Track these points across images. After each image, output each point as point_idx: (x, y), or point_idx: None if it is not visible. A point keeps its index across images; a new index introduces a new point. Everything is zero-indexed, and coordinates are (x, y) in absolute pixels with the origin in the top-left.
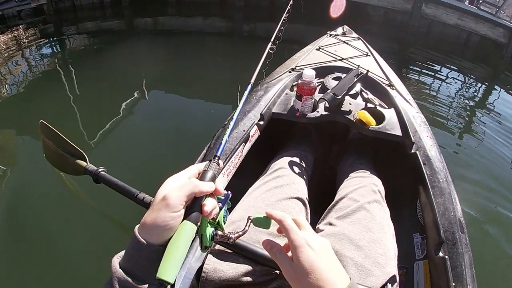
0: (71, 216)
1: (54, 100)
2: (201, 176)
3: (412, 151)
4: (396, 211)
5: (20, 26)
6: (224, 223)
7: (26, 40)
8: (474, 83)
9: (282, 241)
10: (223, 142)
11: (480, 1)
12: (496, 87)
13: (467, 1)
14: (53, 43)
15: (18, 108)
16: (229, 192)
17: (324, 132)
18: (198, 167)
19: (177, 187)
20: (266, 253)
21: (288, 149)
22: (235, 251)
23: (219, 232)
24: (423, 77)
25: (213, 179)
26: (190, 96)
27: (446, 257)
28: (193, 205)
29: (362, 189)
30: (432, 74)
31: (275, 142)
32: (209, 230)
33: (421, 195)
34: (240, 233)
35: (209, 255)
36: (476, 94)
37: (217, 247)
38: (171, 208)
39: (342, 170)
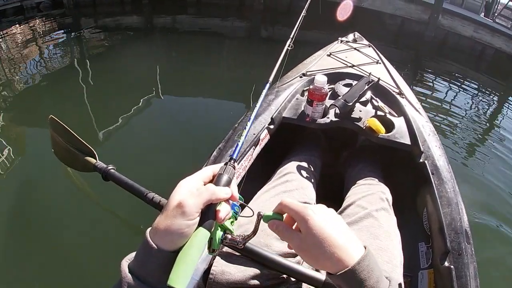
0: (79, 213)
1: (67, 94)
2: (216, 180)
3: (421, 160)
4: (402, 219)
5: (38, 18)
6: (233, 224)
7: (44, 33)
8: (488, 96)
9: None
10: (240, 144)
11: (496, 14)
12: (509, 100)
13: (483, 14)
14: (70, 37)
15: (32, 101)
16: (241, 196)
17: (333, 138)
18: (213, 169)
19: (194, 193)
20: (274, 257)
21: (297, 154)
22: (243, 254)
23: (229, 236)
24: (436, 86)
25: (228, 183)
26: (204, 96)
27: (452, 267)
28: (208, 211)
29: (370, 197)
30: (446, 84)
31: (284, 146)
32: (219, 233)
33: (428, 204)
34: (250, 235)
35: (217, 257)
36: (489, 106)
37: (225, 249)
38: (187, 216)
39: (350, 176)
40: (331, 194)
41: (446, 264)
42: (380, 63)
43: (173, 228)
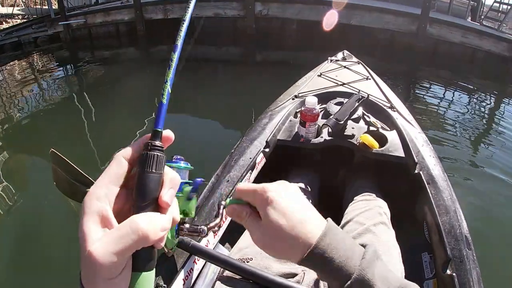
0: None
1: (67, 127)
2: (138, 196)
3: (416, 171)
4: (404, 232)
5: (36, 52)
6: (196, 212)
7: (42, 66)
8: (482, 99)
9: (294, 267)
10: (163, 110)
11: (482, 17)
12: (504, 100)
13: (470, 18)
14: (68, 70)
15: (31, 133)
16: (201, 179)
17: (329, 156)
18: (121, 162)
19: (106, 240)
20: (275, 278)
21: (294, 175)
22: (244, 277)
23: (186, 225)
24: (431, 96)
25: (158, 191)
26: (202, 123)
27: (454, 274)
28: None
29: (368, 212)
30: (440, 92)
31: (280, 168)
32: (171, 229)
33: (427, 214)
34: (217, 222)
35: (218, 282)
36: (484, 109)
37: (226, 273)
38: (103, 275)
39: (348, 193)
40: (330, 212)
41: (448, 272)
42: (370, 79)
43: None
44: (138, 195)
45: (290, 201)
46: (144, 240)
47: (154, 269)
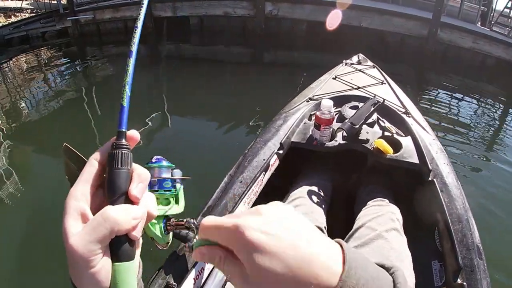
0: None
1: (74, 122)
2: (109, 191)
3: (430, 179)
4: (415, 238)
5: (44, 47)
6: (175, 203)
7: (49, 61)
8: (492, 105)
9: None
10: (125, 109)
11: (493, 23)
12: None
13: (479, 23)
14: (76, 65)
15: (37, 128)
16: (170, 164)
17: (342, 160)
18: (92, 163)
19: (83, 229)
20: None
21: (307, 178)
22: None
23: (172, 219)
24: (440, 101)
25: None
26: (212, 123)
27: (465, 283)
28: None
29: (380, 218)
30: (450, 98)
31: (294, 170)
32: (159, 226)
33: (439, 222)
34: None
35: (228, 283)
36: (493, 115)
37: None
38: (83, 264)
39: (360, 198)
40: (343, 216)
41: (459, 281)
42: (385, 83)
43: (79, 283)
44: (109, 190)
45: (280, 235)
46: (116, 228)
47: (136, 260)
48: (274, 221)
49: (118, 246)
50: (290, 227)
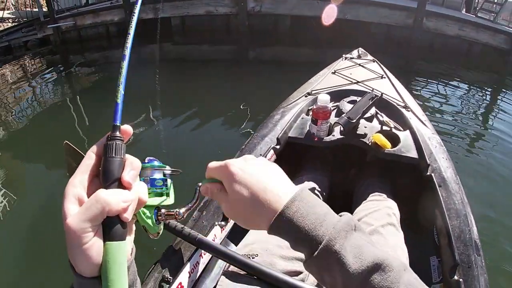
0: None
1: (60, 130)
2: (104, 177)
3: (428, 173)
4: (413, 234)
5: (27, 56)
6: (166, 196)
7: (33, 70)
8: (481, 92)
9: (299, 266)
10: (119, 106)
11: (478, 9)
12: (502, 93)
13: (464, 10)
14: (59, 73)
15: (26, 137)
16: (160, 164)
17: (340, 155)
18: (90, 155)
19: (78, 213)
20: (280, 275)
21: (304, 174)
22: (249, 272)
23: (163, 210)
24: (429, 90)
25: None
26: (199, 122)
27: (461, 280)
28: (110, 218)
29: (377, 213)
30: (438, 86)
31: (291, 165)
32: (151, 215)
33: (437, 217)
34: (192, 202)
35: (222, 277)
36: (483, 102)
37: (231, 268)
38: (76, 241)
39: (358, 193)
40: (340, 211)
41: (456, 277)
42: (385, 77)
43: (73, 258)
44: (103, 176)
45: (251, 172)
46: (106, 208)
47: (129, 243)
48: (251, 164)
49: (110, 226)
50: (261, 169)
